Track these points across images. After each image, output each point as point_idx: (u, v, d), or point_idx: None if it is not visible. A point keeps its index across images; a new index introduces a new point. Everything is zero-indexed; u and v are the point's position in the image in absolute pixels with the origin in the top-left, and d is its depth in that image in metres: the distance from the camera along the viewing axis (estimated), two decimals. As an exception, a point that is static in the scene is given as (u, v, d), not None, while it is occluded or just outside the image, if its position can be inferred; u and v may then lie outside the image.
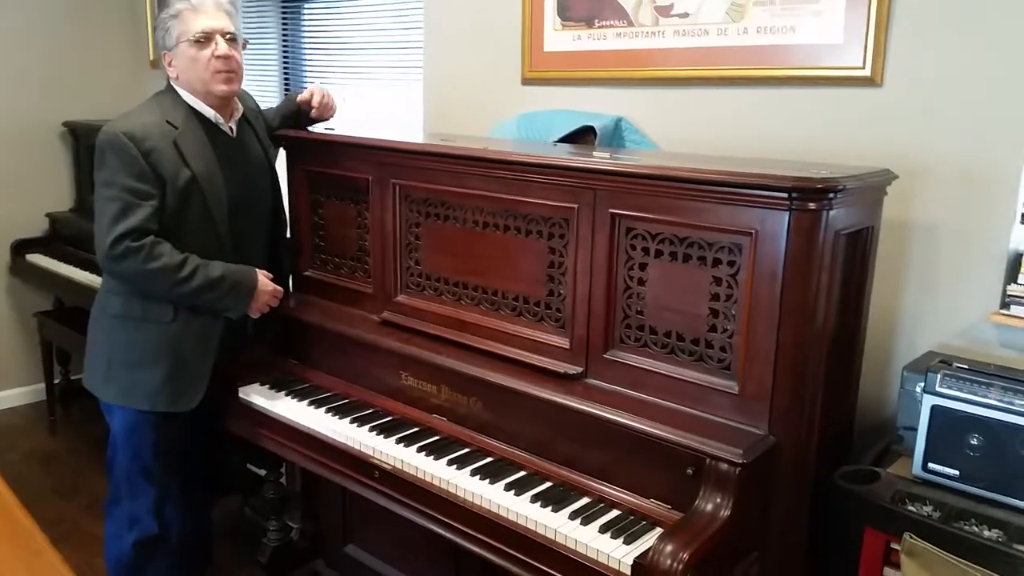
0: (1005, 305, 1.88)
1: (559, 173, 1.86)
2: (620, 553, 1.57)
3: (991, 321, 1.90)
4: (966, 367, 1.68)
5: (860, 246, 1.77)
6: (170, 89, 2.25)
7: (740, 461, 1.55)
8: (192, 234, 2.18)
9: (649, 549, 1.53)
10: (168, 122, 2.16)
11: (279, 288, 2.32)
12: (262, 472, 2.75)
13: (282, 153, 2.56)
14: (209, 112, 2.24)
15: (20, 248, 4.18)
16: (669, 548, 1.47)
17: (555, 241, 1.91)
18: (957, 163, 1.93)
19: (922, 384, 1.73)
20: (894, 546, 1.66)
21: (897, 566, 1.64)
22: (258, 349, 2.46)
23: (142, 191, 2.09)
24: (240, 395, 2.35)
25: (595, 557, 1.59)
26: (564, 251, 1.89)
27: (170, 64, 2.22)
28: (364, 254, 2.38)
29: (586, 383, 1.88)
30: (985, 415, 1.61)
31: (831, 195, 1.53)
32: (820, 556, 1.77)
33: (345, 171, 2.33)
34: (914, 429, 1.78)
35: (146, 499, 2.30)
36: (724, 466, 1.57)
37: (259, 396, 2.33)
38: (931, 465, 1.67)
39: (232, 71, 2.20)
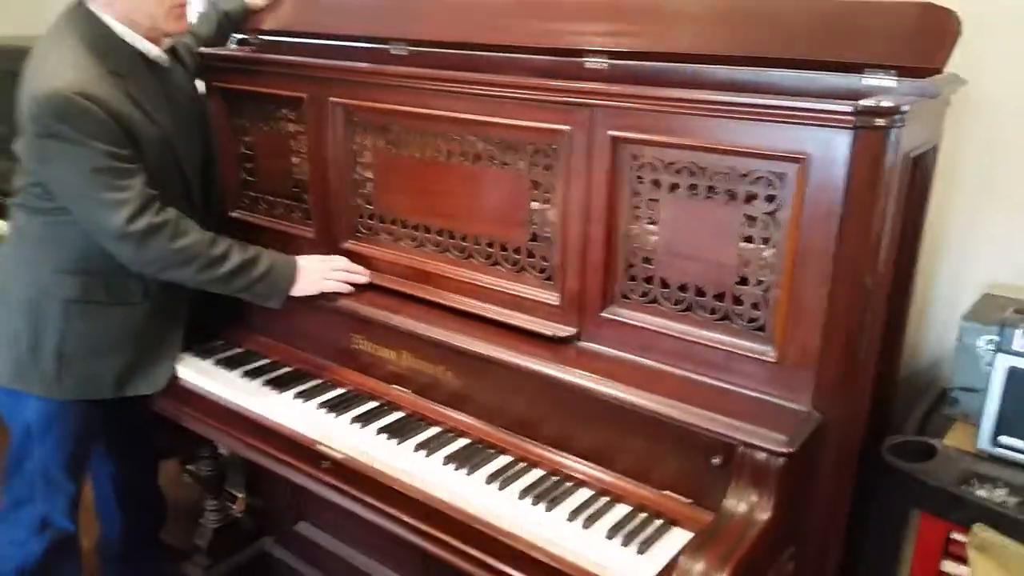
0: (1076, 237, 1.57)
1: (541, 87, 1.46)
2: (635, 568, 1.26)
3: (1058, 256, 1.60)
4: (1050, 320, 1.38)
5: (922, 172, 1.44)
6: (90, 17, 1.66)
7: (784, 451, 1.24)
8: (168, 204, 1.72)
9: (671, 565, 1.22)
10: (111, 71, 1.64)
11: (341, 260, 1.84)
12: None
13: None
14: (152, 50, 1.73)
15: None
16: (700, 567, 1.16)
17: (539, 173, 1.53)
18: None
19: (989, 339, 1.43)
20: (956, 536, 1.38)
21: (960, 560, 1.37)
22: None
23: (127, 156, 1.62)
24: (159, 364, 1.96)
25: (603, 575, 1.27)
26: (551, 185, 1.52)
27: None
28: (302, 191, 1.97)
29: (580, 347, 1.53)
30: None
31: (904, 108, 1.17)
32: (863, 547, 1.49)
33: (272, 88, 1.90)
34: (974, 391, 1.49)
35: (64, 497, 1.93)
36: (762, 455, 1.26)
37: (182, 365, 1.94)
38: (1003, 438, 1.39)
39: (186, 3, 1.72)
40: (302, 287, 1.79)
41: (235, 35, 2.09)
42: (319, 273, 1.79)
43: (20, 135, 1.65)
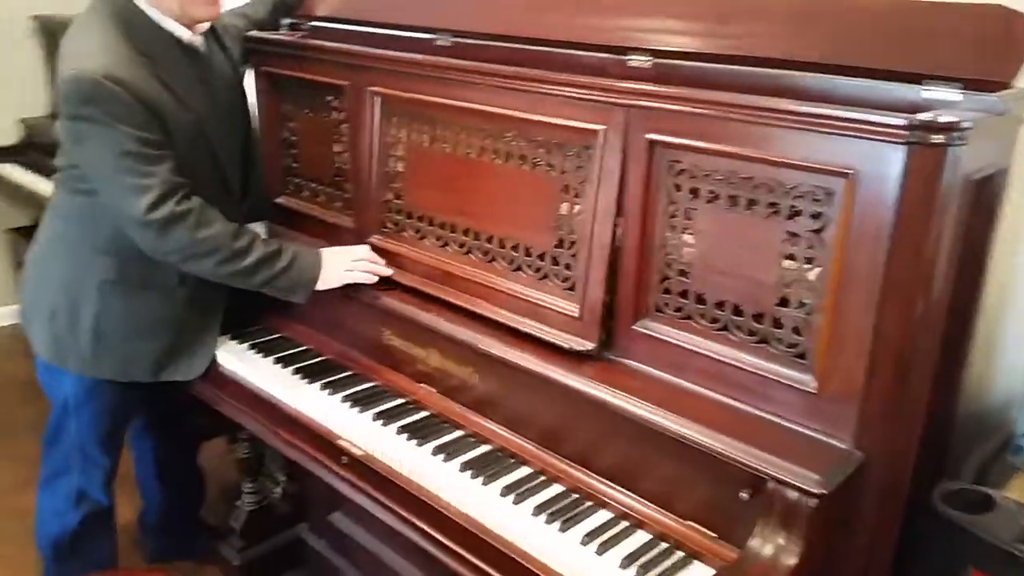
0: None
1: (575, 83, 1.38)
2: (645, 604, 1.19)
3: None
4: None
5: (988, 196, 1.29)
6: None
7: (817, 491, 1.13)
8: (202, 193, 1.68)
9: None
10: (141, 53, 1.62)
11: (363, 249, 1.80)
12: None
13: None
14: (184, 33, 1.70)
15: (-10, 159, 3.77)
16: (713, 613, 1.08)
17: (570, 176, 1.45)
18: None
19: (1064, 382, 1.29)
20: (1011, 597, 1.25)
21: (1014, 623, 1.24)
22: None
23: (155, 141, 1.60)
24: (197, 348, 1.97)
25: (612, 607, 1.20)
26: (582, 188, 1.44)
27: None
28: (344, 180, 1.94)
29: (610, 361, 1.45)
30: None
31: (965, 124, 1.05)
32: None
33: (316, 75, 1.87)
34: (1043, 439, 1.35)
35: (99, 471, 1.97)
36: (794, 495, 1.16)
37: (219, 349, 1.94)
38: (1071, 495, 1.25)
39: None
40: (325, 280, 1.75)
41: (285, 20, 2.07)
42: (342, 265, 1.75)
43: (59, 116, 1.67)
